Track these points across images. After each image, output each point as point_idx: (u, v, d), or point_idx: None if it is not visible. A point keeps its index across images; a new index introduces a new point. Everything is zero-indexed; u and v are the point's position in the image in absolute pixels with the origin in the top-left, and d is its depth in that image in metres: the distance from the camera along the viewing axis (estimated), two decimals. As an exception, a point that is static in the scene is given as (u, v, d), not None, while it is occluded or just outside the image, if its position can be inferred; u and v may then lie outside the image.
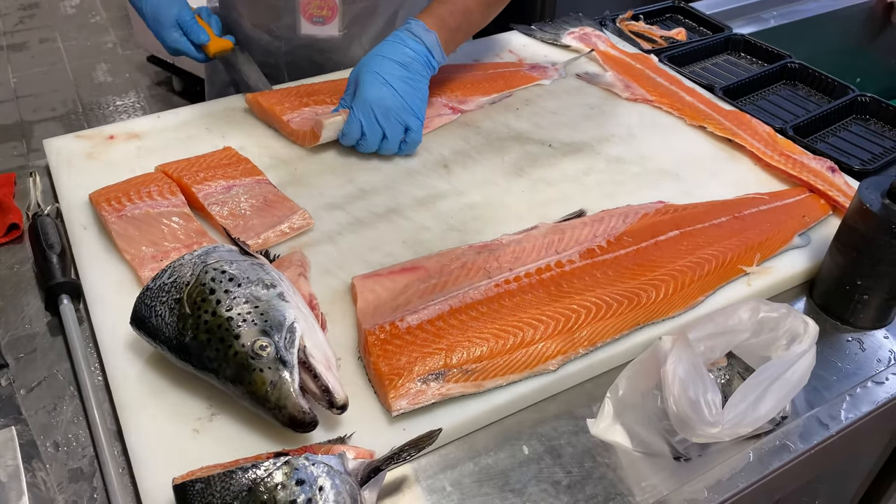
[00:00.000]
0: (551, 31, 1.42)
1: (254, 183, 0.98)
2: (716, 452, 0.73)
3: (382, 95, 1.02)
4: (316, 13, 1.22)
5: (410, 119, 1.04)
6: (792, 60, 1.34)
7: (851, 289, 0.85)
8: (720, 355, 0.75)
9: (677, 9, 1.56)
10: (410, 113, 1.03)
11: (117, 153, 1.06)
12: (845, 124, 1.24)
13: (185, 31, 1.15)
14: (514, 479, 0.70)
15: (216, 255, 0.75)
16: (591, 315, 0.80)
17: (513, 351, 0.76)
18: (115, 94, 3.49)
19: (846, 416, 0.77)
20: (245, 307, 0.70)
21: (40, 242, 0.89)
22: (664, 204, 0.97)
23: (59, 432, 0.73)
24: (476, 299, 0.80)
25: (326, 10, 1.22)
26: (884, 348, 0.86)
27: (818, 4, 1.74)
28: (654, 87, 1.25)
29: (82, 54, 3.79)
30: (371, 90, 1.01)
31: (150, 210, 0.92)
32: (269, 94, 1.14)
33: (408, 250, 0.92)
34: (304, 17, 1.22)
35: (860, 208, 0.81)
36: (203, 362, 0.69)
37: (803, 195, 1.01)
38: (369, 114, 1.02)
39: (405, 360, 0.73)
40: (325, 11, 1.22)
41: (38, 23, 4.07)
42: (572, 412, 0.76)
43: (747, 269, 0.90)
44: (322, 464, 0.60)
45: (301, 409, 0.66)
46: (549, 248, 0.88)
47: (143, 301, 0.73)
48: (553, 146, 1.11)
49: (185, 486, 0.59)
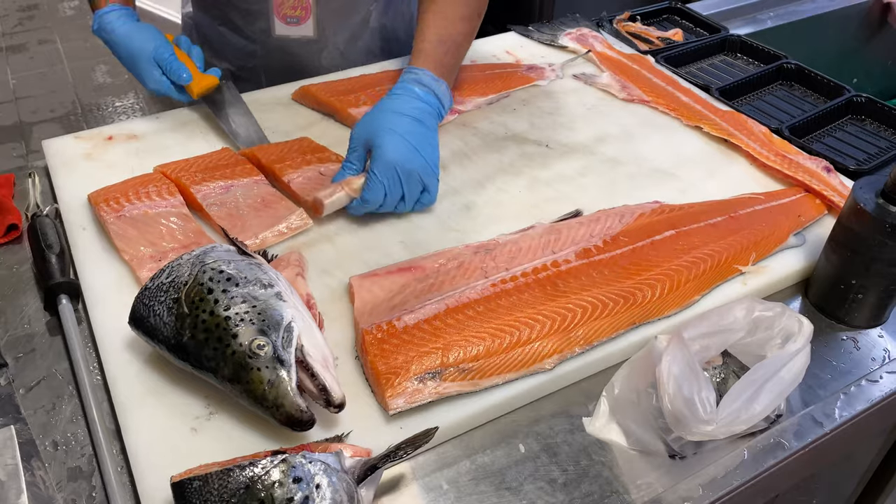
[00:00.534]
0: (548, 32, 1.43)
1: (252, 183, 0.98)
2: (711, 450, 0.73)
3: (406, 157, 0.93)
4: (290, 13, 1.21)
5: (431, 180, 0.96)
6: (788, 61, 1.35)
7: (846, 288, 0.86)
8: (715, 354, 0.75)
9: (674, 10, 1.57)
10: (432, 174, 0.96)
11: (116, 154, 1.07)
12: (841, 124, 1.25)
13: (165, 69, 1.05)
14: (511, 477, 0.70)
15: (214, 255, 0.75)
16: (587, 314, 0.80)
17: (509, 350, 0.76)
18: (115, 96, 3.49)
19: (840, 415, 0.78)
20: (243, 307, 0.70)
21: (39, 243, 0.89)
22: (660, 204, 0.98)
23: (57, 431, 0.73)
24: (472, 299, 0.81)
25: (300, 10, 1.20)
26: (878, 347, 0.86)
27: (815, 5, 1.74)
28: (651, 87, 1.25)
29: (81, 55, 3.79)
30: (394, 152, 0.92)
31: (149, 210, 0.92)
32: (268, 150, 1.04)
33: (405, 250, 0.92)
34: (278, 18, 1.21)
35: (855, 208, 0.82)
36: (201, 361, 0.70)
37: (799, 195, 1.02)
38: (394, 177, 0.92)
39: (402, 359, 0.74)
40: (298, 11, 1.20)
41: (37, 24, 4.07)
42: (568, 411, 0.77)
43: (743, 268, 0.90)
44: (319, 462, 0.61)
45: (298, 408, 0.66)
46: (546, 247, 0.88)
47: (142, 301, 0.73)
48: (550, 146, 1.12)
49: (183, 484, 0.60)
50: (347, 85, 1.20)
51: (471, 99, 1.20)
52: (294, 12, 1.21)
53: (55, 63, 3.72)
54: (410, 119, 0.97)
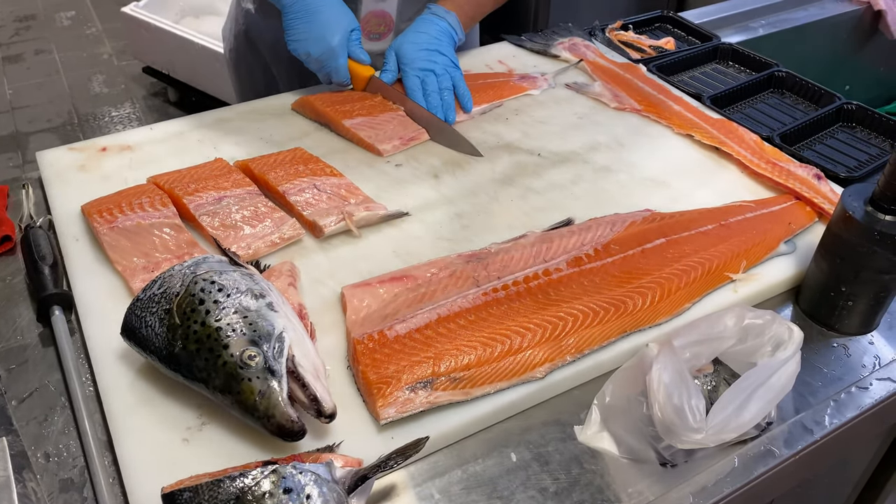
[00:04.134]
0: (541, 41, 1.43)
1: (244, 194, 0.98)
2: (701, 458, 0.73)
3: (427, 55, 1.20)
4: (374, 30, 1.28)
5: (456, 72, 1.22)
6: (779, 69, 1.36)
7: (836, 295, 0.86)
8: (706, 362, 0.75)
9: (666, 18, 1.58)
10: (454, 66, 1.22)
11: (110, 165, 1.07)
12: (832, 132, 1.26)
13: (350, 47, 1.18)
14: (502, 486, 0.70)
15: (206, 266, 0.75)
16: (578, 323, 0.81)
17: (501, 359, 0.76)
18: (111, 105, 3.50)
19: (831, 422, 0.78)
20: (234, 317, 0.70)
21: (32, 254, 0.89)
22: (651, 212, 0.98)
23: (50, 443, 0.73)
24: (464, 308, 0.81)
25: (384, 26, 1.28)
26: (869, 354, 0.86)
27: (806, 13, 1.75)
28: (643, 96, 1.26)
29: (78, 65, 3.80)
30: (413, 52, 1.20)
31: (142, 221, 0.92)
32: (260, 160, 1.05)
33: (397, 259, 0.92)
34: (364, 35, 1.26)
35: (843, 216, 0.82)
36: (192, 372, 0.70)
37: (789, 202, 1.02)
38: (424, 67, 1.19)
39: (393, 369, 0.74)
40: (382, 28, 1.28)
41: (33, 34, 4.08)
42: (560, 419, 0.77)
43: (734, 276, 0.90)
44: (310, 472, 0.61)
45: (289, 419, 0.66)
46: (538, 256, 0.89)
47: (134, 312, 0.74)
48: (542, 155, 1.13)
49: (174, 496, 0.60)
50: (344, 96, 1.21)
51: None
52: (378, 28, 1.28)
53: (52, 73, 3.73)
54: (424, 34, 1.22)
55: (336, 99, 1.19)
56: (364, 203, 0.98)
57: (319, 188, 1.00)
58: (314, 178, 1.01)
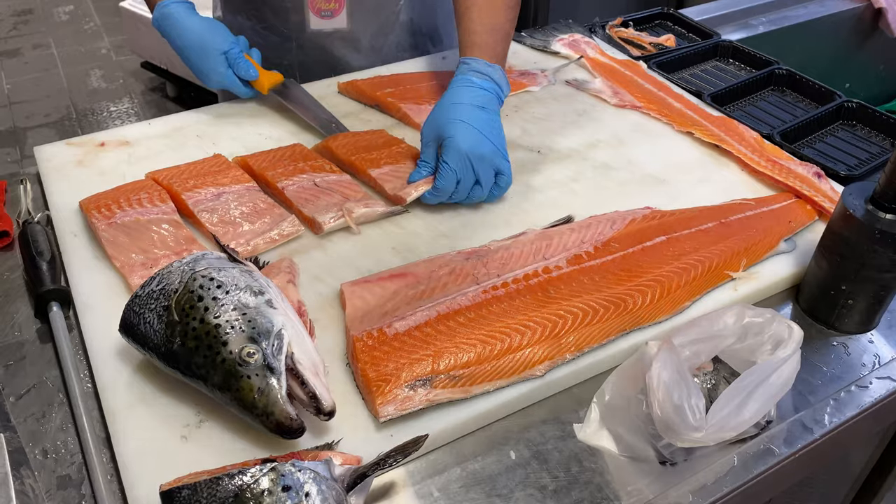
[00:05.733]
0: (541, 37, 1.43)
1: (243, 190, 0.98)
2: (701, 457, 0.73)
3: (475, 143, 0.96)
4: (324, 7, 1.25)
5: (502, 162, 0.98)
6: (780, 67, 1.35)
7: (836, 294, 0.86)
8: (705, 360, 0.75)
9: (667, 15, 1.57)
10: (502, 157, 0.98)
11: (108, 160, 1.07)
12: (832, 130, 1.25)
13: (234, 66, 1.14)
14: (501, 484, 0.70)
15: (205, 263, 0.75)
16: (577, 320, 0.81)
17: (500, 356, 0.76)
18: (109, 100, 3.49)
19: (830, 421, 0.78)
20: (233, 314, 0.70)
21: (30, 250, 0.89)
22: (651, 210, 0.98)
23: (47, 439, 0.73)
24: (464, 305, 0.81)
25: (333, 2, 1.25)
26: (868, 352, 0.86)
27: (806, 11, 1.75)
28: (643, 93, 1.26)
29: (76, 60, 3.79)
30: (463, 140, 0.95)
31: (140, 217, 0.92)
32: (259, 157, 1.04)
33: (397, 256, 0.92)
34: (313, 12, 1.25)
35: (844, 214, 0.82)
36: (191, 369, 0.70)
37: (789, 201, 1.02)
38: (465, 164, 0.95)
39: (393, 367, 0.74)
40: (332, 4, 1.25)
41: (31, 29, 4.07)
42: (559, 417, 0.77)
43: (734, 274, 0.90)
44: (308, 470, 0.60)
45: (288, 416, 0.66)
46: (537, 253, 0.89)
47: (132, 308, 0.73)
48: (542, 152, 1.12)
49: (172, 493, 0.60)
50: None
51: (463, 105, 1.21)
52: (328, 5, 1.25)
53: (50, 68, 3.72)
54: (473, 107, 0.99)
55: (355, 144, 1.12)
56: (363, 200, 0.98)
57: (319, 185, 1.00)
58: (313, 175, 1.01)
